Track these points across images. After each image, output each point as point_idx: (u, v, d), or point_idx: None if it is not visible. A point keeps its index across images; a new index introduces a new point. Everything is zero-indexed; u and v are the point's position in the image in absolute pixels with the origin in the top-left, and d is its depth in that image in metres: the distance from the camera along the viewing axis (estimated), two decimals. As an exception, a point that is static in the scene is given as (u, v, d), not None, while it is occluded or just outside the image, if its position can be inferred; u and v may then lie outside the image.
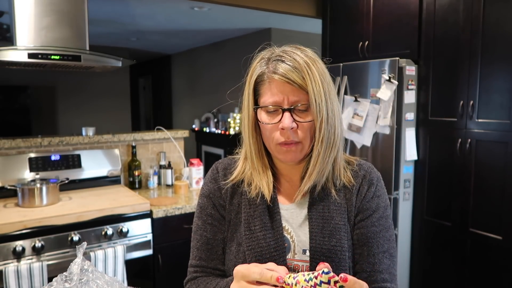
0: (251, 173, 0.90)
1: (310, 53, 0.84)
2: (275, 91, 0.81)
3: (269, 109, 0.82)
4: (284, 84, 0.80)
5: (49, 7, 2.19)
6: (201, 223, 0.93)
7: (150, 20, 4.72)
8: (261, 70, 0.83)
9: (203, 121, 6.49)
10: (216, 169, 0.97)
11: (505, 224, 2.14)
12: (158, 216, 2.14)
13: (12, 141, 2.27)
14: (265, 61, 0.84)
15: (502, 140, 2.15)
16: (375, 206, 0.89)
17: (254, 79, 0.84)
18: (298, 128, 0.81)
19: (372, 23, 2.81)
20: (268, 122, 0.83)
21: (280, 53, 0.83)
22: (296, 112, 0.81)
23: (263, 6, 3.44)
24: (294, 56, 0.81)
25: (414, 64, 2.53)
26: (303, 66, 0.79)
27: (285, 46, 0.86)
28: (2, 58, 2.01)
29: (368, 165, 0.95)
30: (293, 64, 0.80)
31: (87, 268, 0.70)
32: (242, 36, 5.71)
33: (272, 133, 0.83)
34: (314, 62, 0.82)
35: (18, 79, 6.25)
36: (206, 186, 0.96)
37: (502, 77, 2.14)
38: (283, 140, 0.81)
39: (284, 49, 0.84)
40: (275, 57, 0.83)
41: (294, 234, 0.88)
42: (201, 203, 0.95)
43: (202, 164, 2.73)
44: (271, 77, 0.81)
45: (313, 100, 0.79)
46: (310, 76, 0.79)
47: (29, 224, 1.84)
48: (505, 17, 2.11)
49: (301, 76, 0.79)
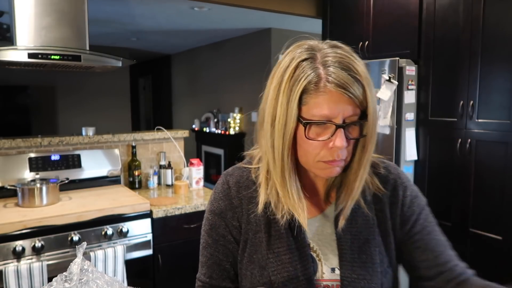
0: (277, 194, 0.78)
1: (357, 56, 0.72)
2: (330, 104, 0.68)
3: (318, 122, 0.70)
4: (341, 97, 0.68)
5: (49, 7, 2.19)
6: (212, 242, 0.85)
7: (150, 20, 4.72)
8: (310, 77, 0.69)
9: (203, 121, 6.49)
10: (227, 184, 0.87)
11: (505, 224, 2.14)
12: (158, 216, 2.14)
13: (12, 141, 2.27)
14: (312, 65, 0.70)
15: (502, 140, 2.15)
16: (418, 209, 0.83)
17: (302, 87, 0.69)
18: (348, 145, 0.72)
19: (372, 23, 2.81)
20: (316, 139, 0.71)
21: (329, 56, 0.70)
22: (350, 129, 0.71)
23: (263, 6, 3.44)
24: (353, 63, 0.69)
25: (414, 64, 2.53)
26: (363, 76, 0.69)
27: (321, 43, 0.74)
28: (2, 58, 2.01)
29: (393, 166, 0.88)
30: (352, 73, 0.68)
31: (87, 268, 0.70)
32: (242, 36, 5.71)
33: (316, 149, 0.72)
34: (366, 69, 0.72)
35: (18, 79, 6.24)
36: (216, 203, 0.86)
37: (502, 77, 2.14)
38: (330, 160, 0.72)
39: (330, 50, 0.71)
40: (326, 61, 0.69)
41: (321, 252, 0.80)
42: (212, 220, 0.86)
43: (202, 164, 2.73)
44: (327, 86, 0.68)
45: (371, 117, 0.70)
46: (369, 88, 0.69)
47: (29, 224, 1.84)
48: (505, 18, 2.11)
49: (362, 90, 0.68)
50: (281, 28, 5.11)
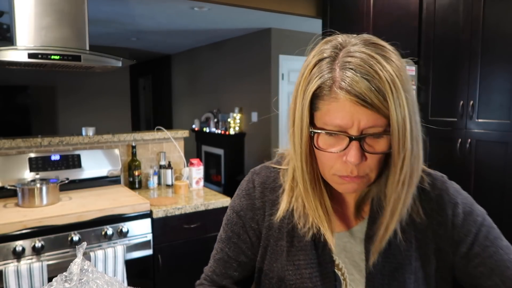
0: (303, 205, 0.72)
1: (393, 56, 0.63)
2: (342, 113, 0.60)
3: (330, 132, 0.62)
4: (356, 106, 0.58)
5: (49, 7, 2.19)
6: (225, 237, 0.82)
7: (150, 20, 4.72)
8: (323, 79, 0.61)
9: (203, 121, 6.50)
10: (252, 183, 0.81)
11: (505, 224, 2.14)
12: (158, 216, 2.14)
13: (12, 141, 2.27)
14: (330, 65, 0.61)
15: (502, 140, 2.15)
16: (474, 227, 0.72)
17: (313, 90, 0.62)
18: (366, 159, 0.63)
19: (372, 23, 2.81)
20: (326, 150, 0.64)
21: (352, 56, 0.60)
22: (367, 139, 0.61)
23: (263, 6, 3.44)
24: (373, 65, 0.59)
25: (414, 64, 2.53)
26: (387, 83, 0.58)
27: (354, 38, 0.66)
28: (2, 58, 2.01)
29: (440, 179, 0.78)
30: (372, 80, 0.58)
31: (87, 268, 0.70)
32: (242, 36, 5.71)
33: (330, 161, 0.65)
34: (399, 72, 0.60)
35: (18, 79, 6.24)
36: (238, 200, 0.82)
37: (502, 77, 2.14)
38: (345, 175, 0.64)
39: (356, 48, 0.61)
40: (345, 62, 0.60)
41: (346, 271, 0.73)
42: (230, 216, 0.82)
43: (202, 164, 2.73)
44: (339, 93, 0.59)
45: (395, 130, 0.59)
46: (394, 96, 0.58)
47: (29, 224, 1.84)
48: (505, 18, 2.11)
49: (382, 98, 0.58)
50: (281, 28, 5.11)
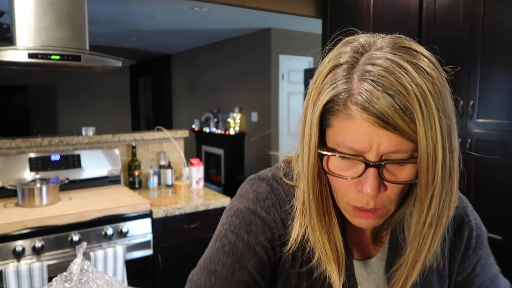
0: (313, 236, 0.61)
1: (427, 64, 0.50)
2: (358, 134, 0.49)
3: (344, 154, 0.52)
4: (375, 127, 0.47)
5: (49, 7, 2.19)
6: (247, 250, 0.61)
7: (150, 20, 4.72)
8: (337, 91, 0.50)
9: (203, 121, 6.50)
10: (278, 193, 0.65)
11: (505, 224, 2.14)
12: (158, 216, 2.14)
13: (12, 141, 2.27)
14: (346, 73, 0.50)
15: (502, 140, 2.15)
16: (481, 250, 0.70)
17: (323, 103, 0.51)
18: (386, 190, 0.52)
19: (373, 23, 2.81)
20: (338, 174, 0.53)
21: (374, 64, 0.49)
22: (388, 167, 0.51)
23: (263, 6, 3.44)
24: (400, 77, 0.47)
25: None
26: (416, 100, 0.46)
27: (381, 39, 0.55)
28: (2, 58, 2.01)
29: (460, 197, 0.71)
30: (397, 95, 0.46)
31: (87, 268, 0.70)
32: (242, 36, 5.71)
33: (342, 187, 0.55)
34: (434, 86, 0.48)
35: (18, 79, 6.24)
36: (264, 203, 0.64)
37: (502, 77, 2.14)
38: (359, 206, 0.54)
39: (381, 54, 0.50)
40: (365, 72, 0.49)
41: None
42: (252, 222, 0.63)
43: (202, 164, 2.73)
44: (354, 110, 0.48)
45: (424, 159, 0.48)
46: (425, 117, 0.47)
47: (29, 224, 1.84)
48: (505, 17, 2.11)
49: (408, 118, 0.47)
50: (281, 28, 5.11)
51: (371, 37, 0.56)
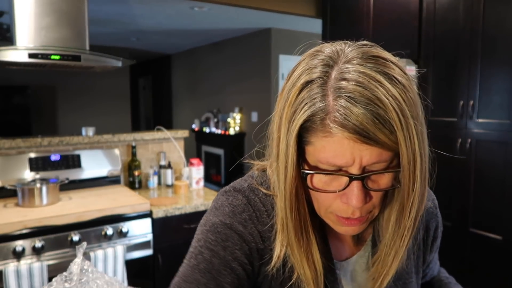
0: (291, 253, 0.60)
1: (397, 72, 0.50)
2: (340, 151, 0.49)
3: (326, 172, 0.52)
4: (356, 142, 0.48)
5: (49, 7, 2.19)
6: (223, 266, 0.60)
7: (150, 20, 4.72)
8: (313, 110, 0.49)
9: (203, 121, 6.50)
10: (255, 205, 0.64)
11: (505, 224, 2.14)
12: (158, 216, 2.14)
13: (12, 141, 2.27)
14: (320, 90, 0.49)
15: (502, 140, 2.15)
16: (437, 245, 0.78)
17: (300, 123, 0.50)
18: (371, 199, 0.54)
19: (372, 23, 2.81)
20: (323, 189, 0.54)
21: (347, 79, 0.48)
22: (370, 177, 0.52)
23: (263, 6, 3.44)
24: (375, 90, 0.47)
25: (414, 64, 2.53)
26: (393, 112, 0.47)
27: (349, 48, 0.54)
28: (2, 58, 2.01)
29: (430, 192, 0.73)
30: (375, 110, 0.47)
31: (87, 268, 0.70)
32: (242, 36, 5.71)
33: (326, 201, 0.55)
34: (407, 95, 0.49)
35: (18, 79, 6.24)
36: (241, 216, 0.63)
37: (502, 77, 2.14)
38: (345, 216, 0.55)
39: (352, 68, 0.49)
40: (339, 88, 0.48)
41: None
42: (228, 238, 0.62)
43: (202, 164, 2.72)
44: (333, 128, 0.48)
45: (406, 167, 0.50)
46: (404, 128, 0.48)
47: (29, 224, 1.84)
48: (505, 17, 2.11)
49: (388, 131, 0.47)
50: (281, 28, 5.11)
51: (337, 46, 0.55)
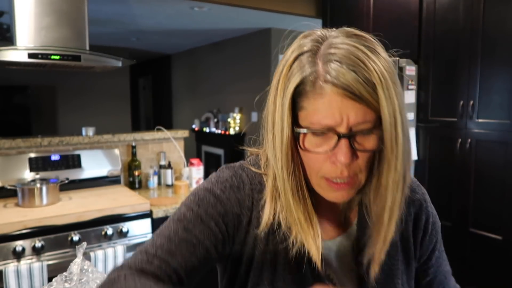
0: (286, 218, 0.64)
1: (379, 48, 0.58)
2: (330, 110, 0.55)
3: (317, 131, 0.57)
4: (344, 99, 0.54)
5: (49, 7, 2.18)
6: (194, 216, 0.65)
7: (150, 20, 4.72)
8: (306, 73, 0.56)
9: (203, 121, 6.49)
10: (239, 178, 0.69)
11: (505, 224, 2.14)
12: (158, 216, 2.14)
13: (12, 141, 2.27)
14: (311, 59, 0.57)
15: (502, 140, 2.15)
16: (435, 237, 0.76)
17: (294, 86, 0.57)
18: (357, 158, 0.58)
19: (372, 23, 2.81)
20: (314, 150, 0.58)
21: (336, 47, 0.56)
22: (357, 136, 0.57)
23: (263, 6, 3.44)
24: (360, 56, 0.55)
25: (414, 64, 2.53)
26: (375, 74, 0.54)
27: (334, 31, 0.60)
28: (2, 58, 2.01)
29: (417, 183, 0.78)
30: (360, 71, 0.54)
31: (87, 268, 0.70)
32: (242, 36, 5.71)
33: (317, 163, 0.59)
34: (387, 64, 0.57)
35: (18, 79, 6.24)
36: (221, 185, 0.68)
37: (502, 77, 2.14)
38: (334, 176, 0.59)
39: (339, 40, 0.57)
40: (329, 54, 0.55)
41: (338, 282, 0.68)
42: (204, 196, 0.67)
43: (202, 164, 2.73)
44: (324, 88, 0.55)
45: (387, 124, 0.56)
46: (384, 88, 0.54)
47: (29, 224, 1.84)
48: (505, 17, 2.11)
49: (371, 89, 0.54)
50: (281, 28, 5.11)
51: (325, 31, 0.61)
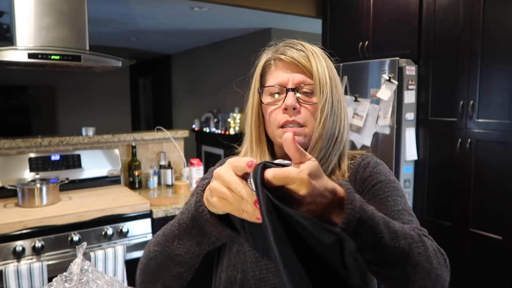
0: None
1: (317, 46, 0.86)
2: (279, 73, 0.82)
3: (274, 90, 0.82)
4: (289, 64, 0.81)
5: (49, 7, 2.19)
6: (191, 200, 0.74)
7: (150, 20, 4.72)
8: (269, 55, 0.86)
9: (203, 121, 6.49)
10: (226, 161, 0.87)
11: (505, 224, 2.14)
12: (158, 216, 2.14)
13: (12, 141, 2.27)
14: (273, 48, 0.86)
15: (502, 140, 2.15)
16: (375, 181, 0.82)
17: (262, 64, 0.86)
18: (301, 110, 0.80)
19: (372, 23, 2.81)
20: (271, 103, 0.82)
21: (288, 42, 0.86)
22: (300, 94, 0.81)
23: (263, 6, 3.44)
24: (302, 44, 0.84)
25: (414, 64, 2.53)
26: (310, 50, 0.82)
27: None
28: (2, 58, 2.01)
29: (369, 154, 0.91)
30: (299, 48, 0.82)
31: (87, 268, 0.70)
32: (242, 36, 5.70)
33: (274, 115, 0.82)
34: (321, 52, 0.85)
35: (18, 79, 6.24)
36: (210, 173, 0.87)
37: (502, 77, 2.14)
38: (285, 120, 0.80)
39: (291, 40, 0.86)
40: (283, 44, 0.86)
41: None
42: (204, 178, 0.85)
43: (202, 164, 2.72)
44: (278, 58, 0.83)
45: (317, 80, 0.80)
46: (315, 58, 0.81)
47: (29, 224, 1.84)
48: (505, 17, 2.11)
49: (306, 58, 0.81)
50: (281, 28, 5.11)
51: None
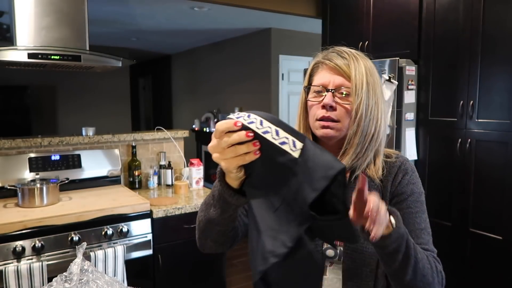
0: None
1: (362, 53, 0.96)
2: (323, 75, 0.94)
3: (317, 88, 0.93)
4: (332, 69, 0.92)
5: (49, 7, 2.19)
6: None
7: (150, 20, 4.72)
8: (319, 58, 0.98)
9: (203, 121, 6.49)
10: None
11: (505, 224, 2.14)
12: (158, 216, 2.14)
13: (12, 141, 2.27)
14: (324, 52, 0.98)
15: (502, 140, 2.15)
16: (409, 191, 0.94)
17: (312, 65, 1.00)
18: (337, 109, 0.91)
19: (372, 23, 2.81)
20: (312, 100, 0.95)
21: (336, 48, 0.97)
22: (338, 95, 0.91)
23: (263, 6, 3.44)
24: (346, 50, 0.94)
25: (414, 64, 2.53)
26: (351, 57, 0.92)
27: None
28: (2, 58, 2.01)
29: (405, 158, 1.01)
30: (342, 55, 0.93)
31: (87, 268, 0.70)
32: (242, 36, 5.70)
33: (315, 110, 0.94)
34: (364, 58, 0.94)
35: (18, 79, 6.24)
36: None
37: (502, 77, 2.14)
38: (322, 115, 0.91)
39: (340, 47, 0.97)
40: (332, 50, 0.97)
41: None
42: None
43: (202, 164, 2.72)
44: (323, 62, 0.95)
45: (353, 86, 0.89)
46: (355, 65, 0.90)
47: (29, 224, 1.84)
48: (505, 17, 2.11)
49: (347, 64, 0.91)
50: (281, 28, 5.10)
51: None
